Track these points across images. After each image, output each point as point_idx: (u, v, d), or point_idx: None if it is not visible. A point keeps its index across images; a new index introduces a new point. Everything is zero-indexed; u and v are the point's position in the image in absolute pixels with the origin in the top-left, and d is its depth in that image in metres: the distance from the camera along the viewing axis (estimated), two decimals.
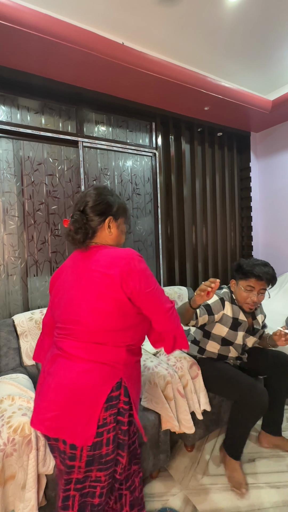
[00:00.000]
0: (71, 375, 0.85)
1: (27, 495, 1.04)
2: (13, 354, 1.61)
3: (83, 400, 0.83)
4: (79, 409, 0.83)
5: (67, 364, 0.87)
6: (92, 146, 2.24)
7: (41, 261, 2.07)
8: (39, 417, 0.86)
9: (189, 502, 1.35)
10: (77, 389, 0.84)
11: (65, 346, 0.90)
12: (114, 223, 0.98)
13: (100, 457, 0.87)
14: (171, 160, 2.61)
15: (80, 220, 0.93)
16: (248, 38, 1.93)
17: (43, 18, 1.52)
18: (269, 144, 3.14)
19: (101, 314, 0.86)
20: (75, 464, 0.86)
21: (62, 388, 0.84)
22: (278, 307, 2.51)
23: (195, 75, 2.12)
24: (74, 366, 0.86)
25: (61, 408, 0.83)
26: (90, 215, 0.95)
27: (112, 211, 0.98)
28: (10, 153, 1.96)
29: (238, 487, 1.39)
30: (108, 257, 0.89)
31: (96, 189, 1.00)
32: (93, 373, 0.85)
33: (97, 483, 0.90)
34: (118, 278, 0.85)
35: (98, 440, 0.85)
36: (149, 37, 1.89)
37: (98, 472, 0.88)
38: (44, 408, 0.86)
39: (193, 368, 1.57)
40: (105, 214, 0.96)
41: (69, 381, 0.84)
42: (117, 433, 0.89)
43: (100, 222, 0.95)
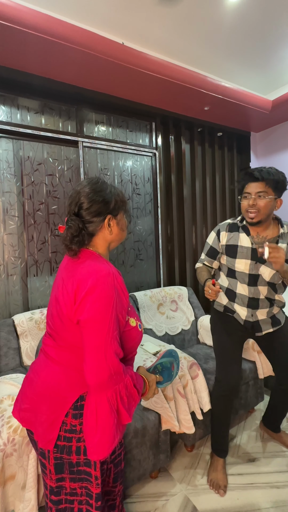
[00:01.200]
0: (44, 373, 0.85)
1: (27, 495, 1.04)
2: (13, 354, 1.61)
3: (50, 400, 0.82)
4: (46, 409, 0.81)
5: (45, 362, 0.87)
6: (92, 146, 2.24)
7: (41, 261, 2.07)
8: (17, 405, 0.88)
9: (189, 502, 1.35)
10: (46, 389, 0.83)
11: (45, 345, 0.89)
12: (114, 220, 0.90)
13: (71, 465, 0.82)
14: (171, 160, 2.61)
15: (76, 226, 0.83)
16: (248, 38, 1.93)
17: (43, 18, 1.52)
18: (269, 144, 3.14)
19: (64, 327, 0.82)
20: (46, 465, 0.83)
21: (35, 384, 0.85)
22: None
23: (195, 75, 2.12)
24: (48, 365, 0.86)
25: (31, 402, 0.84)
26: (87, 217, 0.86)
27: (110, 208, 0.88)
28: (10, 153, 1.96)
29: (217, 488, 1.41)
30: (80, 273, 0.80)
31: (89, 185, 0.88)
32: (61, 377, 0.82)
33: (74, 497, 0.85)
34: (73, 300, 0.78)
35: (66, 445, 0.81)
36: (149, 37, 1.89)
37: (72, 482, 0.84)
38: (21, 398, 0.88)
39: (193, 368, 1.57)
40: (103, 213, 0.87)
41: (41, 378, 0.85)
42: None
43: (99, 223, 0.87)
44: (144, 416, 1.39)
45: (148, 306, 2.16)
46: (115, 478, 1.03)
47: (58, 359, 0.84)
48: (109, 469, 1.01)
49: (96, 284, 0.76)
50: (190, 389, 1.51)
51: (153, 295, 2.23)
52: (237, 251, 1.42)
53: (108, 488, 1.03)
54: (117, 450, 1.03)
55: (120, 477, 1.05)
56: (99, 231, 0.88)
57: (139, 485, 1.45)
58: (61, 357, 0.84)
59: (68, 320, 0.79)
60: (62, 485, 0.85)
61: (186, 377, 1.52)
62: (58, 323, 0.83)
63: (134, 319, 0.88)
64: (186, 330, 2.23)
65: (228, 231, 1.48)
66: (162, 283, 2.59)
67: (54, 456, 0.82)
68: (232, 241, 1.45)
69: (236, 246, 1.43)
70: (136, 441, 1.34)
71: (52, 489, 0.85)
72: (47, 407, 0.81)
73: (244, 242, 1.41)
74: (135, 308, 2.13)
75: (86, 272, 0.79)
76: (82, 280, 0.78)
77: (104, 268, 0.80)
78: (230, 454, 1.62)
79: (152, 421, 1.39)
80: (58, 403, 0.81)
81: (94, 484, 0.83)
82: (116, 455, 1.02)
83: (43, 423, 0.81)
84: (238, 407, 1.81)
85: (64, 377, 0.82)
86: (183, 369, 1.53)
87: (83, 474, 0.84)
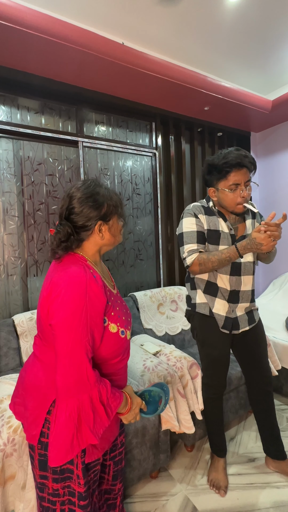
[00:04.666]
0: (29, 370, 0.88)
1: (27, 495, 1.04)
2: (13, 354, 1.61)
3: (34, 396, 0.84)
4: (31, 404, 0.84)
5: (32, 359, 0.90)
6: (92, 146, 2.24)
7: (41, 261, 2.07)
8: (12, 399, 0.93)
9: (189, 502, 1.35)
10: (30, 385, 0.86)
11: (34, 344, 0.93)
12: (106, 226, 0.86)
13: None
14: (171, 160, 2.61)
15: (64, 231, 0.81)
16: (248, 38, 1.93)
17: (43, 18, 1.52)
18: (269, 144, 3.14)
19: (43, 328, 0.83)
20: (34, 457, 0.85)
21: (23, 379, 0.89)
22: (278, 307, 2.52)
23: (195, 75, 2.12)
24: (34, 363, 0.88)
25: (21, 397, 0.88)
26: (78, 223, 0.83)
27: (101, 214, 0.84)
28: (10, 153, 1.96)
29: (217, 488, 1.40)
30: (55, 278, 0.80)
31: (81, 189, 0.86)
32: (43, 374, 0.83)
33: (56, 498, 0.84)
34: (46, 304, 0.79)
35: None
36: (149, 37, 1.89)
37: (54, 483, 0.83)
38: (14, 391, 0.93)
39: (193, 368, 1.57)
40: (94, 218, 0.84)
41: (27, 375, 0.88)
42: None
43: (89, 228, 0.84)
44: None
45: (148, 306, 2.16)
46: (115, 476, 1.03)
47: (42, 358, 0.86)
48: (108, 466, 1.01)
49: (64, 290, 0.75)
50: (190, 389, 1.51)
51: (153, 295, 2.23)
52: (220, 236, 1.33)
53: (107, 486, 1.03)
54: (118, 448, 1.03)
55: (120, 476, 1.05)
56: (90, 236, 0.86)
57: (139, 485, 1.45)
58: (44, 355, 0.85)
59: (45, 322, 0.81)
60: (45, 483, 0.85)
61: (186, 377, 1.52)
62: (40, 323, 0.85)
63: (116, 325, 0.85)
64: (186, 330, 2.23)
65: (205, 215, 1.34)
66: (162, 283, 2.58)
67: (38, 452, 0.83)
68: (213, 226, 1.34)
69: (218, 231, 1.33)
70: (136, 441, 1.34)
71: (37, 484, 0.87)
72: (31, 402, 0.84)
73: (224, 228, 1.34)
74: (136, 309, 2.13)
75: (59, 277, 0.79)
76: (54, 285, 0.78)
77: (77, 274, 0.78)
78: (230, 454, 1.62)
79: (152, 421, 1.39)
80: (40, 400, 0.82)
81: (76, 483, 0.83)
82: (116, 453, 1.02)
83: (28, 418, 0.83)
84: (238, 407, 1.81)
85: (45, 375, 0.83)
86: (183, 369, 1.53)
87: (66, 472, 0.84)
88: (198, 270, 1.29)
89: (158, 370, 1.49)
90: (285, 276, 2.82)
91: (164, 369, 1.49)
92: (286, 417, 1.90)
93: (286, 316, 2.29)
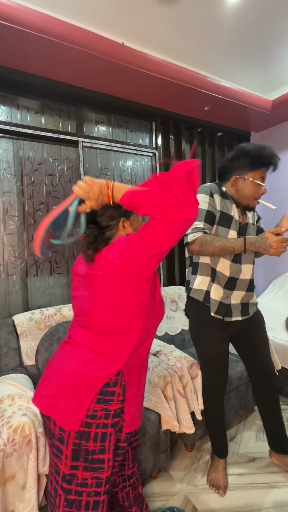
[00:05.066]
0: (72, 362, 0.90)
1: (27, 495, 1.04)
2: (13, 354, 1.61)
3: (78, 387, 0.86)
4: (72, 395, 0.86)
5: (72, 350, 0.92)
6: (92, 146, 2.24)
7: (41, 261, 2.07)
8: (38, 393, 0.92)
9: (189, 502, 1.35)
10: (74, 376, 0.87)
11: (74, 335, 0.95)
12: (128, 222, 0.95)
13: (87, 452, 0.86)
14: (171, 160, 2.61)
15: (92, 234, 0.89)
16: (248, 38, 1.93)
17: (43, 18, 1.52)
18: (269, 144, 3.11)
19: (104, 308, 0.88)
20: (63, 450, 0.86)
21: (62, 372, 0.90)
22: (278, 307, 2.52)
23: (195, 75, 2.12)
24: (77, 354, 0.90)
25: (56, 389, 0.88)
26: (103, 223, 0.92)
27: (122, 211, 0.93)
28: (10, 153, 1.96)
29: (217, 488, 1.40)
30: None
31: None
32: (92, 364, 0.88)
33: (84, 488, 0.87)
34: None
35: (86, 431, 0.85)
36: (149, 37, 1.89)
37: (85, 471, 0.86)
38: (43, 385, 0.92)
39: (193, 368, 1.57)
40: (117, 217, 0.92)
41: (69, 366, 0.89)
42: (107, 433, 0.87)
43: (114, 227, 0.92)
44: (144, 416, 1.39)
45: None
46: (133, 458, 1.13)
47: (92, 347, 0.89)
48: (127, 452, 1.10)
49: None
50: (190, 389, 1.51)
51: None
52: (231, 220, 1.31)
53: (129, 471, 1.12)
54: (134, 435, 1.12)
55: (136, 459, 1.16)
56: (115, 233, 0.93)
57: None
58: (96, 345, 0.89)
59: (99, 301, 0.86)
60: (74, 473, 0.87)
61: (186, 377, 1.52)
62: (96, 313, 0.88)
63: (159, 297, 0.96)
64: (186, 330, 2.23)
65: (220, 196, 1.32)
66: (162, 283, 2.58)
67: (73, 442, 0.86)
68: (225, 210, 1.31)
69: (230, 216, 1.32)
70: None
71: (65, 476, 0.87)
72: (74, 392, 0.86)
73: (236, 214, 1.33)
74: None
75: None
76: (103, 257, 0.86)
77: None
78: (230, 454, 1.62)
79: (152, 421, 1.39)
80: (87, 388, 0.86)
81: (105, 470, 0.88)
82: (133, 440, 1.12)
83: (68, 408, 0.85)
84: (238, 407, 1.81)
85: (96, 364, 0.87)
86: (183, 369, 1.53)
87: (96, 463, 0.87)
88: (197, 251, 1.24)
89: (158, 370, 1.49)
90: (285, 276, 2.82)
91: (164, 369, 1.50)
92: (286, 417, 1.90)
93: (286, 316, 2.29)
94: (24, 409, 1.13)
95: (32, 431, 1.06)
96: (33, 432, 1.06)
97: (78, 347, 0.91)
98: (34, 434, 1.06)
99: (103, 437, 0.86)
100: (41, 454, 1.08)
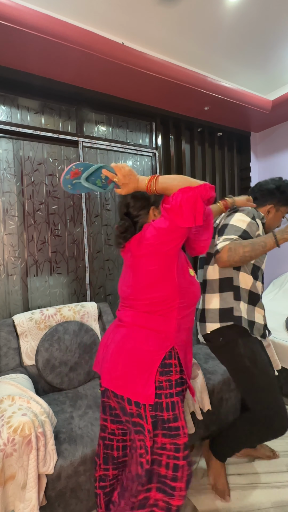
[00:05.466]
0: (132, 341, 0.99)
1: (27, 495, 1.04)
2: (13, 354, 1.61)
3: (140, 363, 0.95)
4: (140, 371, 0.95)
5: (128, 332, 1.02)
6: (92, 146, 2.24)
7: (41, 261, 2.07)
8: (107, 376, 1.00)
9: (189, 502, 1.35)
10: (138, 354, 0.97)
11: (124, 317, 1.06)
12: (157, 210, 1.08)
13: (163, 421, 0.94)
14: (171, 160, 2.61)
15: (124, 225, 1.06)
16: (248, 38, 1.93)
17: (43, 18, 1.52)
18: (269, 144, 3.14)
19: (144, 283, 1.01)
20: (144, 425, 0.93)
21: (125, 353, 0.98)
22: (278, 307, 2.52)
23: (195, 75, 2.12)
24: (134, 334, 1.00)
25: (124, 369, 0.97)
26: (134, 213, 1.07)
27: (151, 201, 1.08)
28: (10, 153, 1.96)
29: (222, 495, 1.36)
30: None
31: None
32: (151, 340, 0.98)
33: (163, 451, 0.93)
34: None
35: (158, 401, 0.94)
36: (149, 37, 1.89)
37: (163, 438, 0.93)
38: (110, 368, 1.00)
39: (193, 368, 1.57)
40: (147, 206, 1.07)
41: (131, 346, 0.98)
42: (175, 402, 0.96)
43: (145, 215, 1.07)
44: None
45: None
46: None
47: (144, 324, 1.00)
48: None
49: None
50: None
51: None
52: None
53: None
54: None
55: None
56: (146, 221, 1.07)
57: None
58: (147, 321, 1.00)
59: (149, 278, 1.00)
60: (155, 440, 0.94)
61: None
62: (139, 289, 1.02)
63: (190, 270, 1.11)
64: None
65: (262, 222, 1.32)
66: None
67: (150, 415, 0.93)
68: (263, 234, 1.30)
69: None
70: None
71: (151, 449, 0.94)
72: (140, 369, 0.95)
73: None
74: None
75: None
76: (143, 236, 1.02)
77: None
78: None
79: None
80: (149, 363, 0.95)
81: (181, 436, 0.94)
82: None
83: (139, 383, 0.94)
84: (238, 407, 1.81)
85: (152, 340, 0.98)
86: None
87: (173, 430, 0.94)
88: (226, 257, 1.13)
89: None
90: (285, 276, 2.82)
91: None
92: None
93: (286, 316, 2.29)
94: (24, 409, 1.13)
95: (32, 431, 1.06)
96: (33, 432, 1.06)
97: (132, 327, 1.02)
98: (34, 434, 1.06)
99: (173, 406, 0.95)
100: (41, 454, 1.08)
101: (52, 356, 1.64)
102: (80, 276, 2.23)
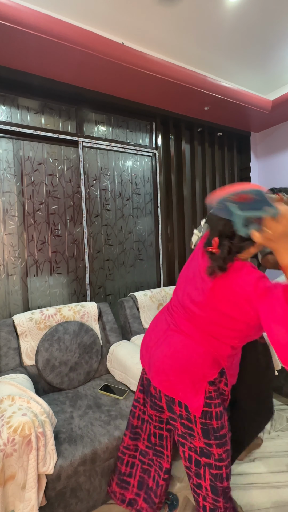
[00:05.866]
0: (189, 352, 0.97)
1: (27, 495, 1.04)
2: (13, 354, 1.61)
3: (193, 375, 0.95)
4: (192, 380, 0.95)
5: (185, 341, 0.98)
6: (92, 146, 2.24)
7: (41, 261, 2.07)
8: (158, 378, 1.00)
9: (189, 502, 1.35)
10: (193, 366, 0.95)
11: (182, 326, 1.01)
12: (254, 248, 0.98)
13: (214, 430, 0.95)
14: (171, 160, 2.61)
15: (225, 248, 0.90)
16: (248, 38, 1.93)
17: (43, 18, 1.52)
18: (269, 144, 3.14)
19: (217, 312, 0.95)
20: (194, 428, 0.96)
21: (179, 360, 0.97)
22: None
23: (195, 75, 2.12)
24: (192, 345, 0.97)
25: (175, 375, 0.96)
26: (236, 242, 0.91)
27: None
28: (10, 153, 1.96)
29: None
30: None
31: None
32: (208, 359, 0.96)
33: (222, 463, 0.96)
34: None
35: (208, 410, 0.94)
36: (149, 37, 1.89)
37: (218, 448, 0.95)
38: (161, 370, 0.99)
39: None
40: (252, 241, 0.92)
41: (187, 356, 0.96)
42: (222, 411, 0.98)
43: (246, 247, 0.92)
44: None
45: (148, 306, 2.16)
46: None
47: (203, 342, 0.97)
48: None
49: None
50: None
51: (153, 295, 2.23)
52: None
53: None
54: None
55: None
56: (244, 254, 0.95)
57: None
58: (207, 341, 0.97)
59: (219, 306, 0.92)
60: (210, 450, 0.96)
61: None
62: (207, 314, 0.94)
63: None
64: None
65: None
66: (162, 283, 2.58)
67: (200, 421, 0.95)
68: None
69: None
70: None
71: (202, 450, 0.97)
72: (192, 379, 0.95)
73: None
74: (136, 309, 2.13)
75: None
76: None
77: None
78: None
79: None
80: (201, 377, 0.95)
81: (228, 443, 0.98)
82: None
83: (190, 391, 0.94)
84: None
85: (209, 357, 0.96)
86: None
87: (223, 438, 0.97)
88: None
89: None
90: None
91: None
92: (286, 417, 1.90)
93: None
94: (24, 409, 1.13)
95: (32, 431, 1.06)
96: (33, 432, 1.06)
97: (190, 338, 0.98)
98: (34, 434, 1.06)
99: (221, 415, 0.97)
100: (41, 454, 1.08)
101: (52, 356, 1.64)
102: (80, 276, 2.23)
